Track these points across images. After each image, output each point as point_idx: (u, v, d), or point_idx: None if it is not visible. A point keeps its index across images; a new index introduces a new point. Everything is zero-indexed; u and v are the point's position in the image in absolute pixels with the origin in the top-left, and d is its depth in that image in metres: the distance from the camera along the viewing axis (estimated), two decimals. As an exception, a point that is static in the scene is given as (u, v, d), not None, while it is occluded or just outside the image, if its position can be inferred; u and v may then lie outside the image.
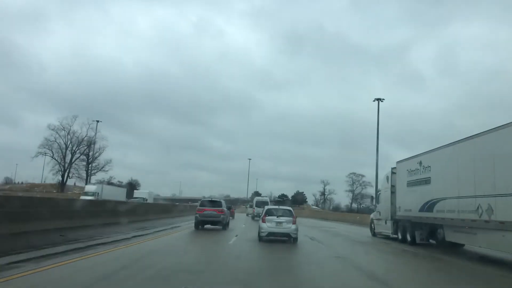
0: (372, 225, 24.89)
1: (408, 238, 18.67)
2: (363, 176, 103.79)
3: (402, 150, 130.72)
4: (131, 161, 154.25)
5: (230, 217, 30.27)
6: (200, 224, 22.71)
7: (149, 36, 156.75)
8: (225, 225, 23.61)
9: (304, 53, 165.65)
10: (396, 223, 20.41)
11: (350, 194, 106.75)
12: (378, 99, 49.17)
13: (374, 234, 24.33)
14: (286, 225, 16.27)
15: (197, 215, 22.72)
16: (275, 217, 16.46)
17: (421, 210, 17.47)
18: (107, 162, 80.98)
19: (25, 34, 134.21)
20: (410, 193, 18.85)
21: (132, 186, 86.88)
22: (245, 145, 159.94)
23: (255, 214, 38.02)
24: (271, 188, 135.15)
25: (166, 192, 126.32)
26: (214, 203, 23.81)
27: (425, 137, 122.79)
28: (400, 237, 19.68)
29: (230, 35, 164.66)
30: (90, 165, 79.91)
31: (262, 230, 16.42)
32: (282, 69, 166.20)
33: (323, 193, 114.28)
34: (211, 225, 22.88)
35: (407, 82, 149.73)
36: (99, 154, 79.75)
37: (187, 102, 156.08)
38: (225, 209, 23.96)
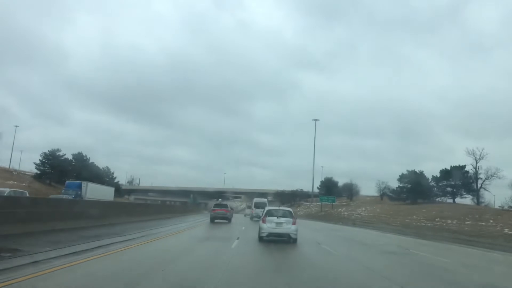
0: None
1: None
2: None
3: (468, 139, 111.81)
4: (172, 155, 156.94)
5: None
6: (214, 219, 33.46)
7: (171, 19, 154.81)
8: (229, 220, 34.43)
9: (341, 22, 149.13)
10: None
11: None
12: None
13: None
14: (286, 226, 16.65)
15: (212, 213, 34.73)
16: (275, 218, 16.80)
17: None
18: None
19: (51, 25, 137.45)
20: None
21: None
22: (290, 137, 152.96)
23: (254, 215, 38.68)
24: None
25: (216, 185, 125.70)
26: (222, 205, 37.05)
27: (496, 122, 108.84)
28: None
29: (254, 11, 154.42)
30: None
31: (262, 231, 16.90)
32: (319, 45, 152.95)
33: (475, 176, 61.60)
34: (221, 220, 33.52)
35: (467, 54, 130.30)
36: None
37: (221, 90, 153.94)
38: (229, 209, 36.27)
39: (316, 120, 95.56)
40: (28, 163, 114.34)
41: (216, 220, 33.35)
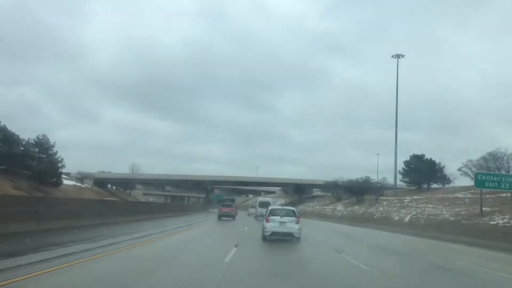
0: None
1: None
2: None
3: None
4: (199, 151, 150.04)
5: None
6: (220, 217, 39.02)
7: (188, 8, 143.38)
8: (234, 217, 39.78)
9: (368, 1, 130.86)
10: None
11: None
12: None
13: None
14: (289, 225, 16.69)
15: (219, 211, 40.45)
16: (279, 217, 16.84)
17: None
18: None
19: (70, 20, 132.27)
20: None
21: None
22: (321, 130, 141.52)
23: (258, 214, 39.52)
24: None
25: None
26: (228, 205, 43.09)
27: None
28: None
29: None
30: None
31: (266, 230, 16.79)
32: (346, 29, 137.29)
33: None
34: (226, 217, 38.86)
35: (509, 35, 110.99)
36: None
37: (245, 81, 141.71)
38: (234, 208, 42.56)
39: (399, 56, 57.47)
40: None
41: (222, 218, 38.14)
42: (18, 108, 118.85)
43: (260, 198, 50.87)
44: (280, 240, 16.67)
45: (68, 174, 78.41)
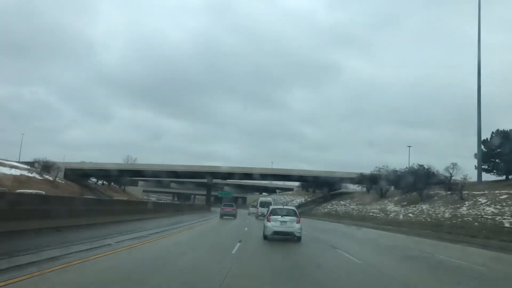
0: None
1: None
2: None
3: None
4: (209, 150, 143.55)
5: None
6: (222, 216, 42.42)
7: (197, 4, 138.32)
8: (235, 216, 42.82)
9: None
10: None
11: None
12: None
13: None
14: (290, 224, 16.81)
15: (221, 211, 44.04)
16: (280, 217, 17.00)
17: None
18: None
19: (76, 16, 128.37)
20: None
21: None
22: (333, 127, 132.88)
23: (260, 214, 40.18)
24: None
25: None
26: (229, 205, 46.76)
27: None
28: None
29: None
30: None
31: (267, 229, 16.98)
32: (357, 21, 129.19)
33: None
34: (228, 216, 41.92)
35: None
36: None
37: (254, 78, 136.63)
38: (235, 208, 45.31)
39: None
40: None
41: (224, 217, 41.73)
42: (23, 105, 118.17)
43: (261, 198, 52.29)
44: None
45: (32, 163, 62.86)
